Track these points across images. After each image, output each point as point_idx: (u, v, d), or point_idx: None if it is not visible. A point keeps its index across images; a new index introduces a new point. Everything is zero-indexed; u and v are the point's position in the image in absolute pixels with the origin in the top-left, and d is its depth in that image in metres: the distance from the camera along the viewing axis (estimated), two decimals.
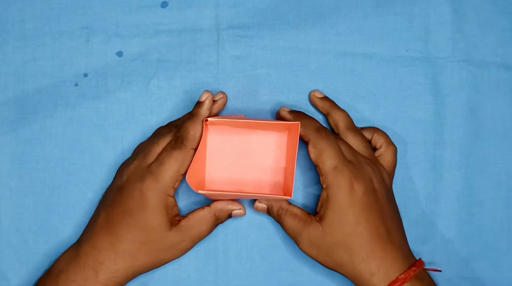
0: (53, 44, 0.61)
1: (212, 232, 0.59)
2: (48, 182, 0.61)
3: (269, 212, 0.59)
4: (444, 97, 0.62)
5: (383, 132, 0.60)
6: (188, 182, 0.55)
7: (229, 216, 0.59)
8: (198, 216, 0.57)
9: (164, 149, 0.56)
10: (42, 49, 0.61)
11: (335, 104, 0.61)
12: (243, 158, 0.60)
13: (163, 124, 0.61)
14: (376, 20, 0.62)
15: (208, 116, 0.57)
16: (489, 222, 0.63)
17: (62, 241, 0.60)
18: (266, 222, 0.62)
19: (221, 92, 0.59)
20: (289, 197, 0.55)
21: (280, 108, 0.60)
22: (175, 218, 0.57)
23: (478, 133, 0.62)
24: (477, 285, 0.62)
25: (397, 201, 0.61)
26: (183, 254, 0.57)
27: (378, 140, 0.60)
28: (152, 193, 0.55)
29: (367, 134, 0.60)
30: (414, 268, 0.54)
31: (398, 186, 0.61)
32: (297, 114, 0.59)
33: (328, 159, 0.55)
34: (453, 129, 0.62)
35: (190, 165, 0.56)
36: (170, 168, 0.55)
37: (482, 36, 0.62)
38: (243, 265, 0.61)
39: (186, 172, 0.55)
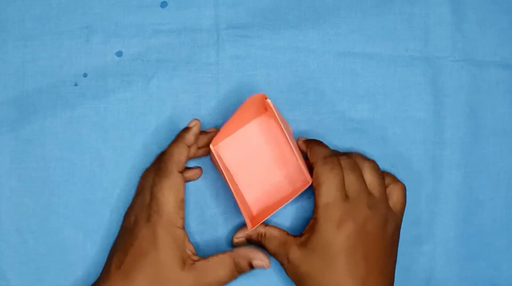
0: (53, 44, 0.61)
1: (214, 231, 0.59)
2: (47, 182, 0.61)
3: (249, 241, 0.58)
4: (444, 96, 0.62)
5: (387, 172, 0.59)
6: (246, 220, 0.56)
7: (251, 266, 0.57)
8: (217, 259, 0.55)
9: (153, 182, 0.55)
10: (42, 49, 0.61)
11: (319, 141, 0.59)
12: (262, 164, 0.60)
13: (163, 124, 0.61)
14: (376, 20, 0.62)
15: (199, 147, 0.58)
16: (489, 221, 0.63)
17: (62, 241, 0.60)
18: (266, 222, 0.61)
19: (215, 128, 0.60)
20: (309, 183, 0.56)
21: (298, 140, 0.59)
22: (191, 257, 0.55)
23: (478, 132, 0.63)
24: (477, 285, 0.62)
25: None
26: None
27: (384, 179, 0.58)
28: (160, 228, 0.54)
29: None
30: None
31: None
32: (312, 141, 0.58)
33: (324, 193, 0.54)
34: (452, 129, 0.62)
35: (240, 205, 0.56)
36: (167, 199, 0.54)
37: (482, 35, 0.62)
38: None
39: (184, 196, 0.55)
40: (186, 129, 0.57)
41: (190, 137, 0.57)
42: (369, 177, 0.56)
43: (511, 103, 0.63)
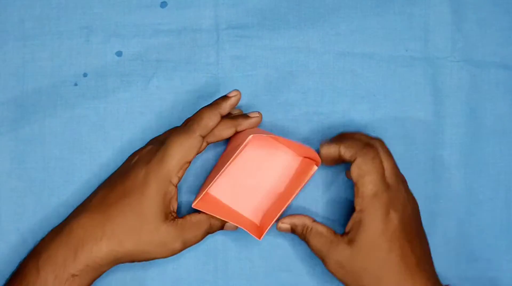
0: (53, 44, 0.61)
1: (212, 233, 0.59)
2: (47, 182, 0.61)
3: (293, 231, 0.57)
4: (444, 97, 0.62)
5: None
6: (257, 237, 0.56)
7: (222, 227, 0.58)
8: (196, 219, 0.56)
9: (173, 132, 0.55)
10: (42, 49, 0.61)
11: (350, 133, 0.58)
12: (253, 180, 0.59)
13: (163, 124, 0.61)
14: (376, 20, 0.62)
15: (237, 131, 0.57)
16: (489, 222, 0.63)
17: None
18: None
19: (235, 90, 0.58)
20: (318, 165, 0.56)
21: (320, 145, 0.56)
22: (172, 214, 0.55)
23: (478, 133, 0.62)
24: (477, 285, 0.62)
25: None
26: (170, 255, 0.55)
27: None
28: (154, 177, 0.53)
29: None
30: None
31: None
32: (341, 135, 0.57)
33: (370, 184, 0.53)
34: (452, 129, 0.62)
35: (243, 226, 0.56)
36: (175, 153, 0.53)
37: (482, 36, 0.62)
38: (243, 265, 0.61)
39: (191, 160, 0.54)
40: (225, 98, 0.56)
41: (226, 106, 0.55)
42: (393, 161, 0.56)
43: (511, 103, 0.63)
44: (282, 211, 0.56)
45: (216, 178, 0.56)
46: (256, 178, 0.59)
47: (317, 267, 0.61)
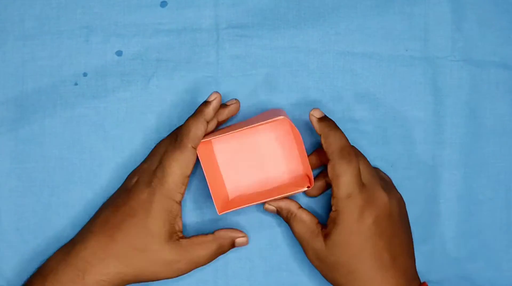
0: (53, 43, 0.61)
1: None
2: (47, 182, 0.61)
3: (278, 213, 0.58)
4: (444, 96, 0.62)
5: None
6: (216, 206, 0.55)
7: (233, 244, 0.58)
8: (201, 240, 0.56)
9: (165, 151, 0.55)
10: (42, 49, 0.61)
11: (334, 124, 0.56)
12: (255, 160, 0.60)
13: (163, 124, 0.61)
14: (376, 19, 0.62)
15: (217, 123, 0.57)
16: (489, 221, 0.63)
17: (62, 241, 0.60)
18: (266, 222, 0.62)
19: (235, 99, 0.59)
20: (309, 187, 0.56)
21: (311, 110, 0.56)
22: (177, 233, 0.55)
23: (478, 132, 0.62)
24: (476, 285, 0.62)
25: None
26: (178, 276, 0.56)
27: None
28: (157, 197, 0.54)
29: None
30: None
31: (398, 186, 0.61)
32: (326, 125, 0.55)
33: (343, 185, 0.54)
34: (452, 129, 0.62)
35: (211, 187, 0.55)
36: (173, 171, 0.54)
37: (482, 35, 0.62)
38: (243, 265, 0.61)
39: (190, 173, 0.55)
40: (206, 103, 0.56)
41: (209, 111, 0.55)
42: (367, 162, 0.57)
43: (510, 103, 0.63)
44: (250, 205, 0.56)
45: (228, 132, 0.56)
46: (259, 162, 0.60)
47: None
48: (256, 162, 0.60)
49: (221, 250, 0.57)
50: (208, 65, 0.61)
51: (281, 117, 0.54)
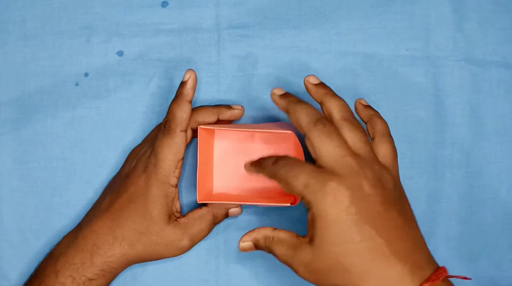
0: (54, 43, 0.61)
1: (214, 231, 0.59)
2: (49, 182, 0.61)
3: (257, 247, 0.54)
4: (445, 96, 0.62)
5: (380, 119, 0.54)
6: (198, 193, 0.56)
7: (226, 215, 0.59)
8: (197, 215, 0.58)
9: (156, 138, 0.56)
10: (43, 49, 0.61)
11: (331, 91, 0.54)
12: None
13: None
14: (377, 19, 0.62)
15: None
16: (490, 221, 0.63)
17: None
18: (267, 222, 0.62)
19: (189, 69, 0.55)
20: (292, 204, 0.55)
21: (272, 89, 0.54)
22: (175, 214, 0.57)
23: (479, 132, 0.62)
24: (478, 284, 0.62)
25: None
26: (182, 253, 0.57)
27: (371, 129, 0.54)
28: (153, 182, 0.55)
29: (364, 118, 0.55)
30: (430, 282, 0.47)
31: None
32: (290, 101, 0.52)
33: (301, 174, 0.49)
34: (454, 128, 0.62)
35: (199, 174, 0.56)
36: (165, 156, 0.55)
37: (483, 35, 0.62)
38: (244, 264, 0.61)
39: (183, 156, 0.55)
40: (183, 84, 0.55)
41: (188, 91, 0.55)
42: (350, 136, 0.51)
43: None
44: (232, 202, 0.58)
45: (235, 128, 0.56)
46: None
47: None
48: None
49: (216, 220, 0.59)
50: (209, 65, 0.62)
51: (289, 131, 0.55)
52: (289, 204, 0.56)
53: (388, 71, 0.62)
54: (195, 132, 0.58)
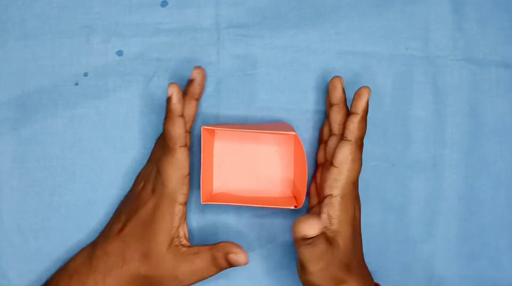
0: (53, 43, 0.61)
1: (212, 233, 0.59)
2: (49, 182, 0.61)
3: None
4: (445, 95, 0.62)
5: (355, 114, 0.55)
6: (201, 195, 0.55)
7: (228, 260, 0.56)
8: (197, 249, 0.55)
9: (160, 157, 0.55)
10: (42, 49, 0.61)
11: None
12: (250, 167, 0.60)
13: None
14: (376, 19, 0.62)
15: (196, 99, 0.57)
16: (490, 221, 0.63)
17: (63, 241, 0.61)
18: (267, 222, 0.62)
19: (196, 67, 0.57)
20: (296, 207, 0.55)
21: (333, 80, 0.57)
22: (179, 238, 0.55)
23: (479, 131, 0.62)
24: (478, 284, 0.62)
25: (397, 200, 0.61)
26: (184, 283, 0.55)
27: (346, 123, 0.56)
28: (161, 202, 0.54)
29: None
30: None
31: (399, 185, 0.61)
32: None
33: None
34: (453, 128, 0.62)
35: (203, 175, 0.56)
36: (169, 175, 0.54)
37: (482, 34, 0.62)
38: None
39: (188, 171, 0.55)
40: (168, 100, 0.54)
41: (176, 106, 0.54)
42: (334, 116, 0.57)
43: (511, 102, 0.63)
44: (235, 204, 0.57)
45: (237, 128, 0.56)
46: (253, 169, 0.60)
47: None
48: (250, 167, 0.60)
49: (218, 264, 0.55)
50: (208, 64, 0.62)
51: (293, 133, 0.54)
52: (293, 207, 0.56)
53: (387, 71, 0.62)
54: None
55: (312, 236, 0.50)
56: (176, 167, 0.54)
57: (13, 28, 0.61)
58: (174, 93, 0.54)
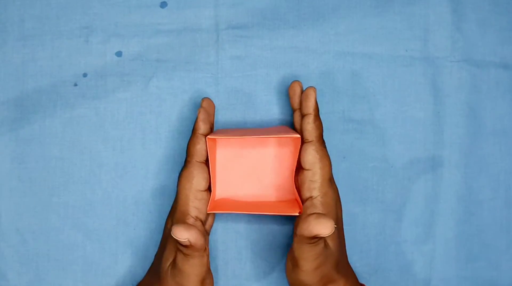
0: (53, 44, 0.61)
1: (212, 233, 0.59)
2: (47, 182, 0.61)
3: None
4: (444, 96, 0.62)
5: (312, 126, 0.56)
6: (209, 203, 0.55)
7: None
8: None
9: (179, 179, 0.56)
10: (42, 49, 0.61)
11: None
12: (252, 172, 0.59)
13: (163, 124, 0.61)
14: (376, 20, 0.62)
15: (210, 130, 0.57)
16: (489, 221, 0.63)
17: (62, 241, 0.61)
18: (266, 223, 0.62)
19: (205, 98, 0.59)
20: (300, 213, 0.54)
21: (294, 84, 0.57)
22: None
23: (478, 132, 0.62)
24: (477, 285, 0.62)
25: (397, 201, 0.61)
26: None
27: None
28: (175, 215, 0.55)
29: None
30: None
31: (398, 186, 0.61)
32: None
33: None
34: (452, 129, 0.62)
35: (213, 183, 0.55)
36: (182, 186, 0.55)
37: (482, 35, 0.62)
38: (243, 265, 0.61)
39: (203, 187, 0.54)
40: (196, 119, 0.56)
41: (200, 126, 0.55)
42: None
43: (510, 103, 0.63)
44: (241, 212, 0.56)
45: (239, 136, 0.56)
46: (255, 174, 0.59)
47: None
48: (252, 172, 0.59)
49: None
50: (208, 65, 0.62)
51: (297, 135, 0.54)
52: (297, 214, 0.55)
53: (387, 72, 0.62)
54: None
55: (325, 235, 0.50)
56: (190, 178, 0.54)
57: (12, 29, 0.61)
58: (201, 113, 0.56)
